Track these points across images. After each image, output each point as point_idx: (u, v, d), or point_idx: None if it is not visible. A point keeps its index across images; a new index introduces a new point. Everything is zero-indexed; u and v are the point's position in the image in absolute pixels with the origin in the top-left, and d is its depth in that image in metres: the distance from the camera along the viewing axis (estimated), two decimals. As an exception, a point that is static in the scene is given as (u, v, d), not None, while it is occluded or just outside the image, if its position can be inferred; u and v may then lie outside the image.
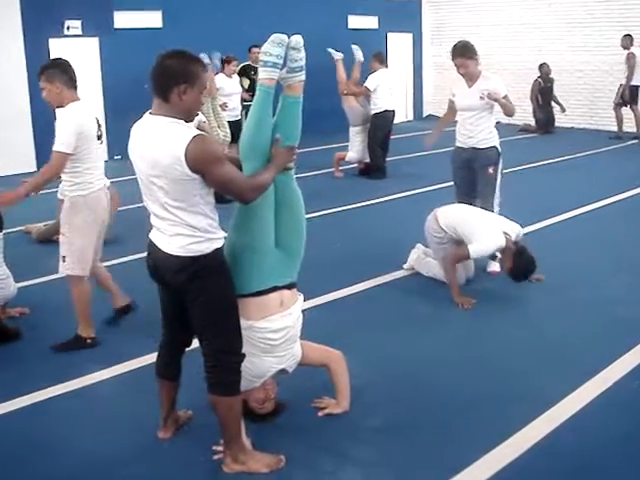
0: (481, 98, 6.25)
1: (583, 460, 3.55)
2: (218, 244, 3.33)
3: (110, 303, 5.29)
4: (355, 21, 16.71)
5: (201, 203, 3.23)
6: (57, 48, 12.07)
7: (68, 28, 12.10)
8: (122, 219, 7.84)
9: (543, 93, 15.54)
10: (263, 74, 3.57)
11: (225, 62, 10.81)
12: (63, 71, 4.72)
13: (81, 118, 4.73)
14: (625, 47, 14.00)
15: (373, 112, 10.91)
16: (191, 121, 3.33)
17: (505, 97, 6.26)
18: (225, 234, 3.42)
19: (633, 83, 14.06)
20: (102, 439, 3.81)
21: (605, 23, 15.72)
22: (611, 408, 4.04)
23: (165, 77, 3.18)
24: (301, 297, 3.84)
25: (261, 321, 3.56)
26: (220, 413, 3.41)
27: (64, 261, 4.85)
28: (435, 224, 5.90)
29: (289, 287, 3.71)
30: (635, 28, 15.32)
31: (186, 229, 3.23)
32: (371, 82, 10.87)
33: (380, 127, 10.95)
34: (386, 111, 10.94)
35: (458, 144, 6.57)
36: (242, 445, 3.49)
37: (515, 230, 5.75)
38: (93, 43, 12.52)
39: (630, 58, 13.93)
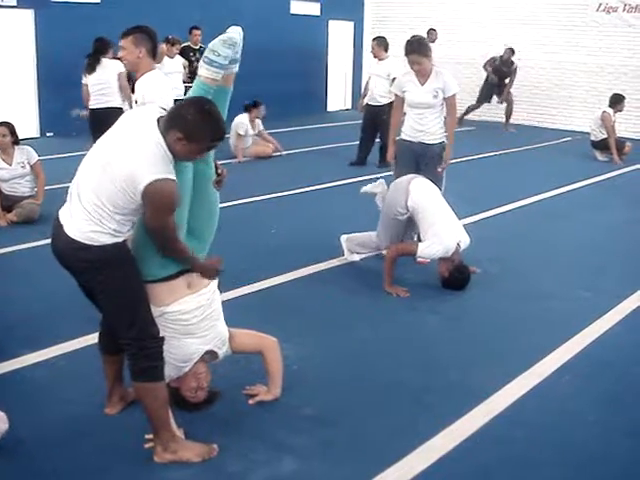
0: (434, 97, 6.23)
1: (516, 451, 3.58)
2: (119, 239, 3.21)
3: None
4: (297, 7, 16.62)
5: (121, 215, 3.14)
6: (-11, 19, 11.71)
7: (2, -1, 11.72)
8: (51, 198, 7.61)
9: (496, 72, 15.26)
10: (207, 72, 3.46)
11: (169, 44, 10.63)
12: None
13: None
14: (432, 41, 14.17)
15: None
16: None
17: (454, 95, 6.30)
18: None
19: None
20: (28, 424, 3.65)
21: (546, 22, 15.97)
22: (543, 400, 4.08)
23: (177, 118, 3.11)
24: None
25: (172, 305, 3.45)
26: (145, 401, 3.31)
27: None
28: (403, 198, 5.65)
29: None
30: (575, 28, 15.67)
31: (93, 220, 3.12)
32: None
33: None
34: None
35: (404, 137, 6.47)
36: (172, 433, 3.41)
37: (466, 242, 5.67)
38: (27, 15, 12.14)
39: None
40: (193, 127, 3.07)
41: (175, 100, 4.28)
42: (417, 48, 6.20)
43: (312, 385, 4.16)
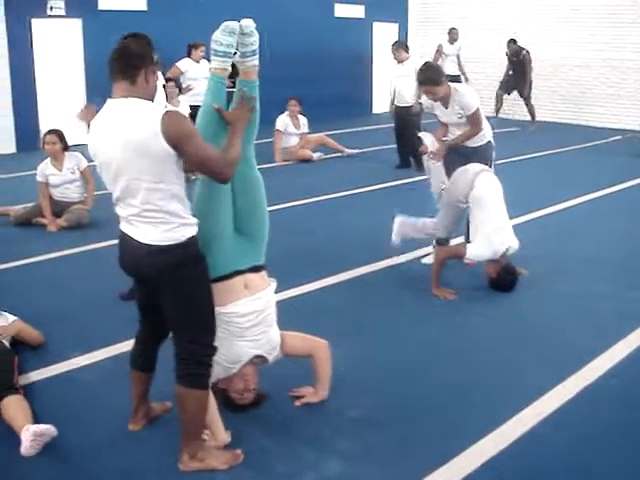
0: (460, 118, 6.06)
1: (565, 454, 3.53)
2: (192, 231, 3.22)
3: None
4: (341, 10, 16.63)
5: (175, 182, 3.14)
6: (40, 28, 11.93)
7: (51, 8, 11.94)
8: (100, 204, 7.73)
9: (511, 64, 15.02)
10: (214, 63, 3.55)
11: (192, 47, 10.70)
12: None
13: None
14: (454, 40, 14.63)
15: None
16: None
17: (476, 111, 6.01)
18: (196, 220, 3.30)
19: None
20: (77, 426, 3.72)
21: (589, 19, 15.77)
22: (593, 404, 4.03)
23: (134, 59, 3.19)
24: (274, 283, 3.77)
25: (228, 306, 3.49)
26: (185, 407, 3.28)
27: None
28: (467, 189, 5.63)
29: (254, 270, 3.65)
30: (622, 25, 15.44)
31: (158, 215, 3.12)
32: None
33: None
34: None
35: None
36: (202, 442, 3.40)
37: (515, 247, 5.62)
38: (76, 24, 12.36)
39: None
40: (147, 51, 3.24)
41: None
42: (428, 79, 5.94)
43: (358, 387, 4.16)
